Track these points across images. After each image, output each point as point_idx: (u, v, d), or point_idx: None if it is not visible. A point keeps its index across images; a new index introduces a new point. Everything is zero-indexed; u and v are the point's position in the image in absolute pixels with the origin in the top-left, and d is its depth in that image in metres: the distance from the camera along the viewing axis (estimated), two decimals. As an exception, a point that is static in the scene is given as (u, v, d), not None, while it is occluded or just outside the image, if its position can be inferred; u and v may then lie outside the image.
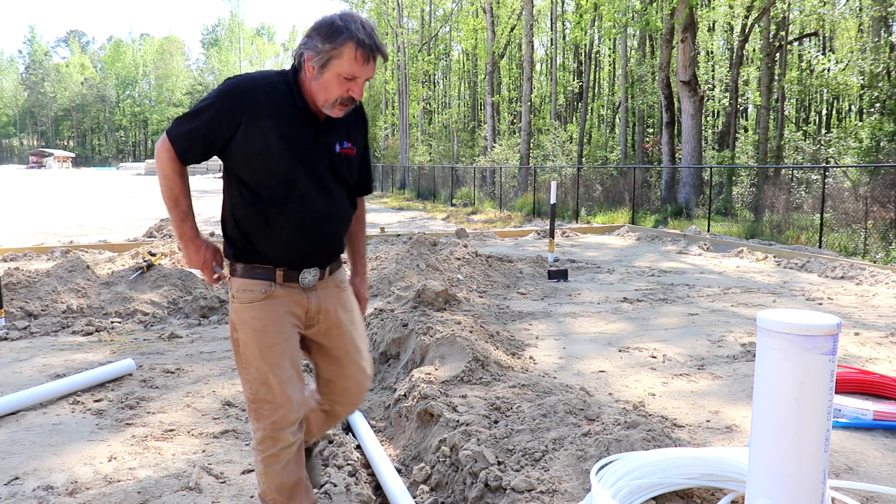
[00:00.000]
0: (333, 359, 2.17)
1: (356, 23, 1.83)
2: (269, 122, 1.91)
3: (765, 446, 1.68)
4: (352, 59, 1.82)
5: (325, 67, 1.84)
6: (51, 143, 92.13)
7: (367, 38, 1.81)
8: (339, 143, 2.03)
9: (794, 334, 1.58)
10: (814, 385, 1.59)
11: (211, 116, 1.94)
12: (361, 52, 1.81)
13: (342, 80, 1.85)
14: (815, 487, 1.65)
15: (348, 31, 1.81)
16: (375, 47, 1.84)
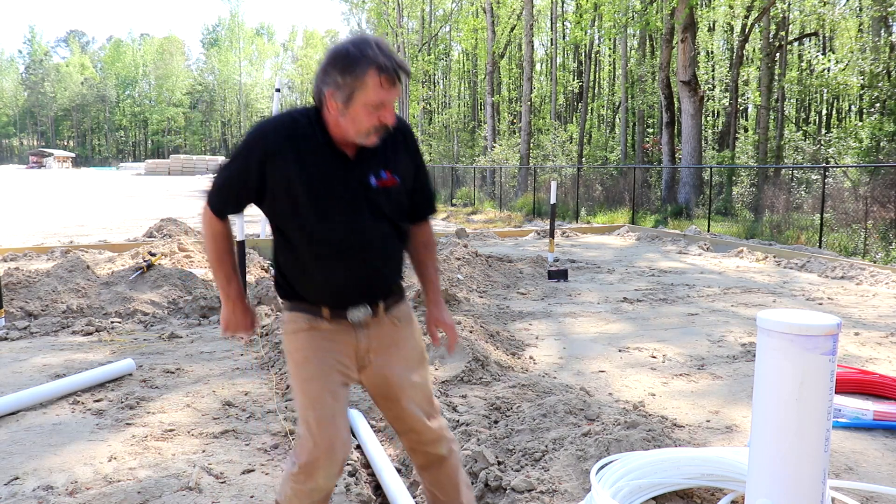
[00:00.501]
0: (391, 399, 2.04)
1: (371, 47, 1.71)
2: (292, 165, 1.82)
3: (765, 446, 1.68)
4: (376, 87, 1.71)
5: (351, 101, 1.73)
6: (51, 143, 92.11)
7: (386, 61, 1.70)
8: (374, 175, 1.88)
9: (794, 334, 1.58)
10: (814, 385, 1.59)
11: (238, 166, 1.89)
12: (385, 78, 1.71)
13: (370, 110, 1.74)
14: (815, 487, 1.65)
15: (366, 58, 1.70)
16: (397, 68, 1.73)
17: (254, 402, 3.75)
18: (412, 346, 2.08)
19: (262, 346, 4.93)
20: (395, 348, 2.02)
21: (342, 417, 1.92)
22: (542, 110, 38.35)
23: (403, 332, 2.06)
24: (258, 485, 2.75)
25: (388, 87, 1.72)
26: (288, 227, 1.90)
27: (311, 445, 1.86)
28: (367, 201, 1.87)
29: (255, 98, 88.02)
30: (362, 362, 1.99)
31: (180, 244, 8.69)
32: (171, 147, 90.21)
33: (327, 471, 1.86)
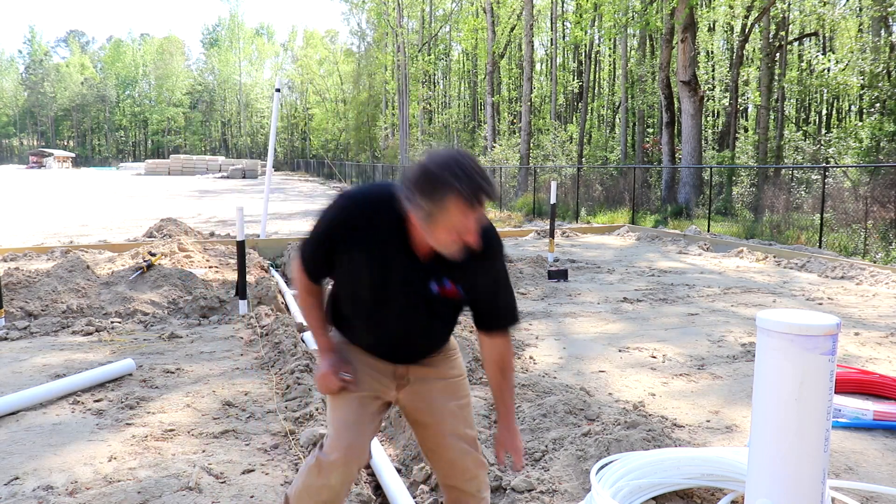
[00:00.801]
0: (429, 425, 2.05)
1: (455, 168, 1.63)
2: (364, 252, 1.83)
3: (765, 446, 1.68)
4: (458, 214, 1.64)
5: (432, 222, 1.68)
6: (51, 143, 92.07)
7: (469, 188, 1.62)
8: (437, 282, 1.86)
9: (793, 334, 1.58)
10: (814, 385, 1.59)
11: (321, 236, 1.90)
12: (467, 204, 1.63)
13: (452, 232, 1.68)
14: (815, 487, 1.65)
15: (448, 184, 1.61)
16: (480, 192, 1.63)
17: (254, 402, 3.75)
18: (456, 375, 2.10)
19: (262, 346, 4.93)
20: (437, 377, 2.05)
21: (366, 425, 1.96)
22: (542, 110, 38.34)
23: (446, 363, 2.09)
24: (258, 485, 2.75)
25: (471, 212, 1.66)
26: (344, 298, 1.97)
27: (332, 445, 1.92)
28: (424, 304, 1.89)
29: (255, 98, 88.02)
30: (401, 381, 2.04)
31: (180, 244, 8.69)
32: (171, 147, 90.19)
33: (342, 473, 1.90)
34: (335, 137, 65.92)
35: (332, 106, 65.65)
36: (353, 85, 56.77)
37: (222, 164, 59.32)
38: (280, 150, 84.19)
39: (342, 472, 1.90)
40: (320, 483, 1.92)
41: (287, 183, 44.15)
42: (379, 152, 50.62)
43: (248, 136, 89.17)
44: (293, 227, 15.27)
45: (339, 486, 1.92)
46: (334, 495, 1.94)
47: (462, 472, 2.05)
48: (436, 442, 2.04)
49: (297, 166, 73.50)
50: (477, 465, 2.07)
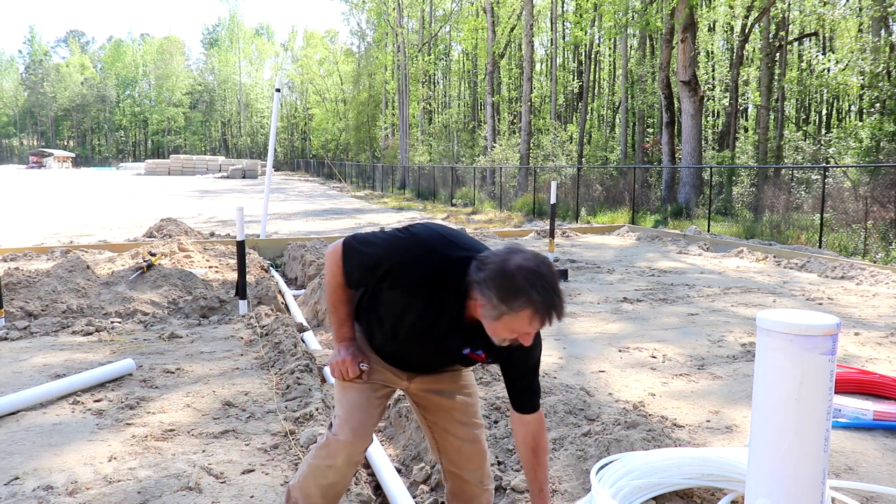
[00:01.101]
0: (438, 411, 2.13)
1: (537, 282, 1.66)
2: (417, 304, 1.86)
3: (765, 446, 1.68)
4: (526, 324, 1.70)
5: (498, 320, 1.71)
6: (51, 143, 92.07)
7: (546, 307, 1.67)
8: (471, 348, 1.95)
9: (793, 334, 1.58)
10: (813, 385, 1.59)
11: (376, 263, 1.87)
12: (539, 319, 1.69)
13: (513, 333, 1.74)
14: (815, 487, 1.65)
15: (528, 298, 1.65)
16: (555, 311, 1.68)
17: (254, 402, 3.75)
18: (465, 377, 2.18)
19: (262, 346, 4.93)
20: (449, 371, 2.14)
21: (373, 409, 2.04)
22: (542, 110, 38.35)
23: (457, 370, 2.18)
24: (258, 485, 2.75)
25: (538, 325, 1.71)
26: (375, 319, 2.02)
27: (340, 426, 1.98)
28: (450, 356, 2.00)
29: (255, 98, 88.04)
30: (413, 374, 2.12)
31: (180, 244, 8.69)
32: (171, 147, 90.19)
33: (348, 453, 1.96)
34: (335, 137, 65.91)
35: (332, 106, 65.65)
36: (353, 85, 56.76)
37: (222, 164, 59.33)
38: (280, 150, 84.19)
39: (349, 451, 1.96)
40: (327, 463, 1.97)
41: (287, 183, 44.15)
42: (379, 152, 50.61)
43: (248, 136, 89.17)
44: (294, 227, 15.28)
45: (344, 468, 1.98)
46: (340, 477, 1.98)
47: (468, 460, 2.12)
48: (444, 427, 2.12)
49: (297, 166, 73.50)
50: (481, 456, 2.14)
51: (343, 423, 1.99)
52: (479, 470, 2.13)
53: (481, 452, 2.14)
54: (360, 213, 20.31)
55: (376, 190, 35.76)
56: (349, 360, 1.97)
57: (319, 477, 1.99)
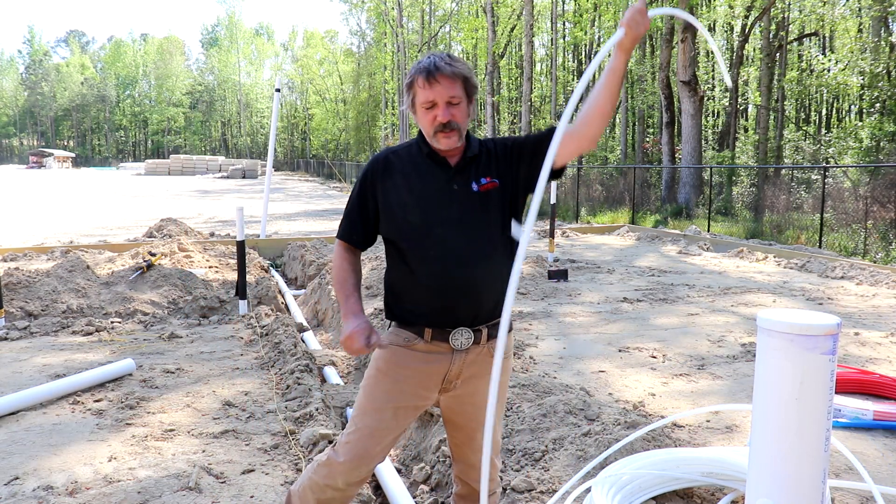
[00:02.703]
0: (462, 429, 2.08)
1: (424, 59, 1.91)
2: (400, 178, 1.97)
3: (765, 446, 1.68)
4: (420, 88, 1.87)
5: (413, 106, 1.93)
6: (51, 143, 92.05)
7: (425, 64, 1.88)
8: (475, 181, 1.96)
9: (794, 334, 1.58)
10: (814, 385, 1.59)
11: (357, 194, 2.03)
12: (422, 78, 1.86)
13: (426, 111, 1.90)
14: (815, 487, 1.65)
15: (414, 68, 1.90)
16: (433, 68, 1.86)
17: (254, 402, 3.75)
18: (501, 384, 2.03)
19: (262, 346, 4.93)
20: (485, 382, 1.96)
21: (390, 436, 1.96)
22: (542, 110, 38.34)
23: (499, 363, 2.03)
24: (258, 485, 2.75)
25: (429, 87, 1.86)
26: (399, 237, 1.97)
27: (344, 449, 1.94)
28: (471, 208, 1.95)
29: (255, 98, 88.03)
30: (448, 386, 2.00)
31: (180, 244, 8.69)
32: (171, 147, 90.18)
33: (348, 478, 1.93)
34: (335, 137, 65.92)
35: (332, 106, 65.65)
36: (353, 85, 56.77)
37: (222, 164, 59.31)
38: (280, 150, 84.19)
39: (348, 476, 1.93)
40: (326, 482, 1.95)
41: (287, 183, 44.15)
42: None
43: (248, 136, 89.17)
44: (295, 227, 15.28)
45: (344, 487, 1.95)
46: (340, 495, 1.96)
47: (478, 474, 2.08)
48: (464, 442, 2.10)
49: (297, 166, 73.49)
50: (493, 469, 2.14)
51: (349, 446, 1.94)
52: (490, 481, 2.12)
53: (493, 467, 2.13)
54: (360, 213, 20.26)
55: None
56: (357, 332, 1.90)
57: (318, 492, 1.96)
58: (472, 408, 2.03)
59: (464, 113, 1.91)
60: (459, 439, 2.10)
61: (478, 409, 2.01)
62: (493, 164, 2.00)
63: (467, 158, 1.96)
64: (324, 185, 42.61)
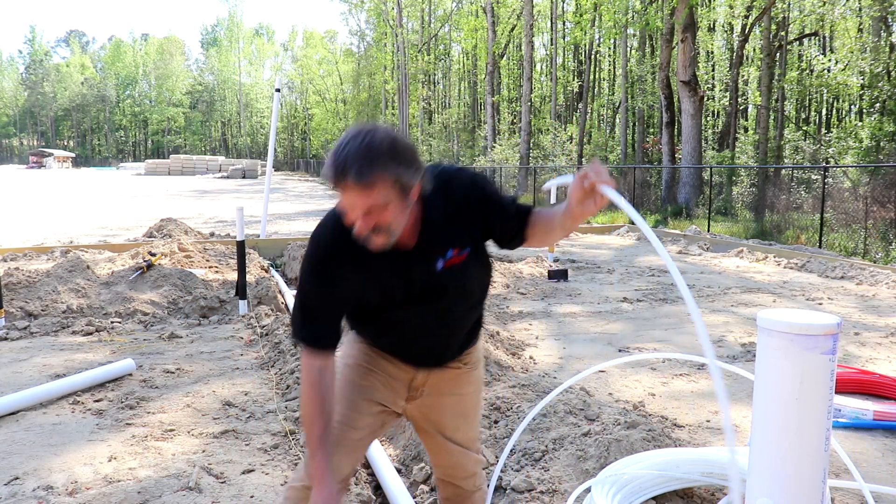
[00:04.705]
0: (434, 436, 1.98)
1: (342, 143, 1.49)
2: (352, 265, 1.68)
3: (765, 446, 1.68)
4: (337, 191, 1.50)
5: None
6: (51, 143, 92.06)
7: (331, 162, 1.47)
8: (441, 257, 1.70)
9: (794, 334, 1.58)
10: (814, 385, 1.59)
11: (313, 285, 1.70)
12: (333, 183, 1.49)
13: (343, 210, 1.55)
14: (815, 487, 1.65)
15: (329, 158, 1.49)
16: (339, 174, 1.46)
17: (254, 402, 3.75)
18: (472, 391, 1.99)
19: (261, 346, 4.93)
20: (452, 391, 1.94)
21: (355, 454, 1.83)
22: (542, 110, 38.35)
23: (466, 377, 1.96)
24: (258, 485, 2.75)
25: (341, 195, 1.49)
26: (355, 317, 1.83)
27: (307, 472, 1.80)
28: (436, 288, 1.73)
29: (254, 98, 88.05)
30: (413, 393, 1.91)
31: (180, 244, 8.69)
32: (171, 147, 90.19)
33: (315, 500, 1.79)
34: (335, 137, 65.80)
35: (332, 106, 65.68)
36: (353, 85, 56.80)
37: (222, 164, 59.32)
38: (280, 150, 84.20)
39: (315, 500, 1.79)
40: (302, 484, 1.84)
41: (287, 183, 44.15)
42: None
43: (248, 136, 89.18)
44: (295, 227, 15.28)
45: None
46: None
47: (462, 471, 2.05)
48: (439, 447, 2.00)
49: (297, 166, 73.51)
50: (476, 464, 2.07)
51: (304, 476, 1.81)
52: (473, 477, 2.06)
53: (476, 462, 2.06)
54: (360, 213, 20.27)
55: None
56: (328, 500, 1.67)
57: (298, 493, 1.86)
58: (441, 416, 1.95)
59: (394, 211, 1.52)
60: (435, 446, 2.01)
61: (447, 418, 1.95)
62: (465, 225, 1.71)
63: (426, 237, 1.66)
64: (324, 185, 42.61)
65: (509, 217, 1.79)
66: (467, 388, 1.97)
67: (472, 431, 2.04)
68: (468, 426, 2.01)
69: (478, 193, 1.73)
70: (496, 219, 1.77)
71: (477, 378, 2.01)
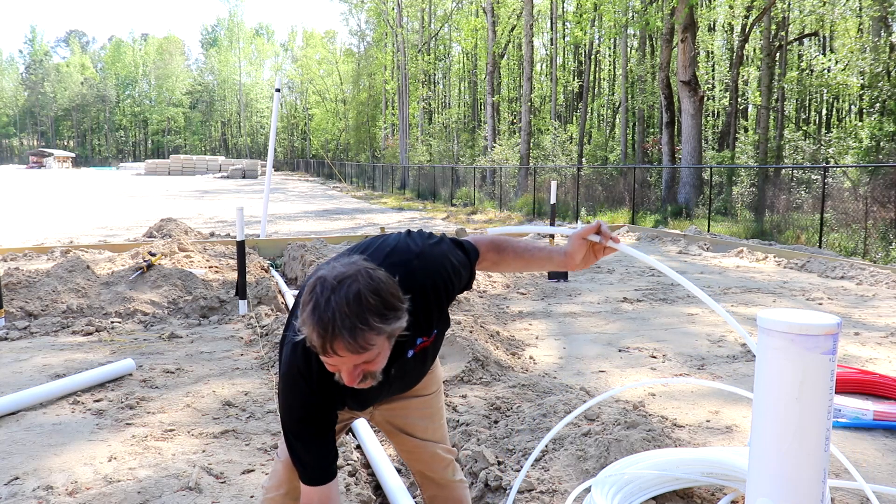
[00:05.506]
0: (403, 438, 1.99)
1: (325, 293, 1.33)
2: (333, 398, 1.63)
3: (765, 446, 1.68)
4: (316, 348, 1.36)
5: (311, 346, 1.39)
6: (51, 143, 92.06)
7: (319, 329, 1.33)
8: (411, 348, 1.67)
9: (794, 334, 1.58)
10: (814, 385, 1.59)
11: (301, 435, 1.62)
12: (316, 340, 1.35)
13: (326, 364, 1.42)
14: (815, 487, 1.65)
15: (309, 311, 1.34)
16: (328, 340, 1.32)
17: (254, 402, 3.75)
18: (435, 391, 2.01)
19: (262, 346, 4.93)
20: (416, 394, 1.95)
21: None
22: (542, 110, 38.34)
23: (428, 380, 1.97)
24: (258, 485, 2.75)
25: (326, 356, 1.37)
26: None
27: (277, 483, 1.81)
28: (406, 371, 1.73)
29: (255, 98, 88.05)
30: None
31: (180, 244, 8.69)
32: (171, 147, 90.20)
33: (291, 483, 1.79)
34: (335, 137, 65.93)
35: (332, 106, 65.67)
36: (353, 85, 56.79)
37: (222, 164, 59.33)
38: (280, 150, 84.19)
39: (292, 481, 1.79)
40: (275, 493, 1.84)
41: (287, 183, 44.15)
42: (379, 152, 50.61)
43: (248, 136, 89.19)
44: (294, 227, 15.28)
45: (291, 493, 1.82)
46: None
47: (439, 463, 2.07)
48: (413, 446, 2.02)
49: (297, 166, 73.52)
50: (450, 453, 2.09)
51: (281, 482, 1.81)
52: (449, 466, 2.08)
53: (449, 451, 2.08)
54: (361, 213, 20.30)
55: (376, 190, 35.74)
56: None
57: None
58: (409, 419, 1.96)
59: (383, 358, 1.44)
60: (407, 446, 2.01)
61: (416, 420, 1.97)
62: (434, 317, 1.68)
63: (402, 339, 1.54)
64: (324, 184, 42.62)
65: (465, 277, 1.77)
66: (430, 389, 1.99)
67: (442, 429, 2.07)
68: (436, 425, 2.04)
69: (444, 280, 1.66)
70: (458, 287, 1.75)
71: (437, 378, 2.03)
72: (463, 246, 1.79)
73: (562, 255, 1.80)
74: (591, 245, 1.76)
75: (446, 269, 1.67)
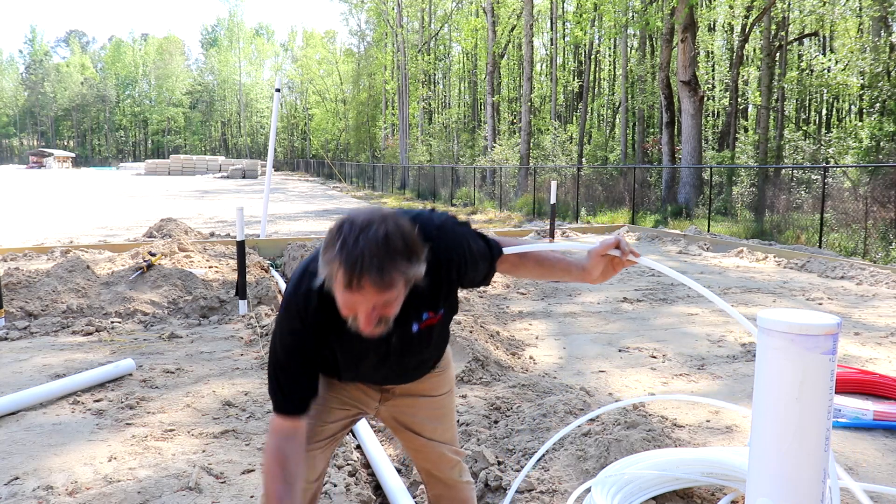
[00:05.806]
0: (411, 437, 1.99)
1: (354, 233, 1.38)
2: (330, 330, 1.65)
3: (765, 446, 1.68)
4: (340, 284, 1.39)
5: (330, 286, 1.44)
6: (51, 143, 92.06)
7: (348, 263, 1.36)
8: (416, 321, 1.69)
9: (794, 334, 1.58)
10: (814, 385, 1.59)
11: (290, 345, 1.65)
12: (342, 279, 1.38)
13: (345, 304, 1.44)
14: (815, 487, 1.65)
15: (337, 252, 1.38)
16: (357, 275, 1.36)
17: (254, 402, 3.75)
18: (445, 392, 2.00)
19: (261, 346, 4.93)
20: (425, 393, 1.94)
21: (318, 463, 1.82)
22: (542, 110, 38.34)
23: (438, 379, 1.97)
24: (258, 485, 2.75)
25: (348, 292, 1.39)
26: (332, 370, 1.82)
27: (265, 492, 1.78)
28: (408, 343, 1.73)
29: (255, 98, 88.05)
30: (386, 394, 1.92)
31: (180, 244, 8.69)
32: (171, 147, 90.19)
33: None
34: (335, 137, 65.94)
35: (332, 106, 65.67)
36: (353, 85, 56.79)
37: (222, 164, 59.33)
38: (280, 150, 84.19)
39: None
40: None
41: (287, 183, 44.15)
42: (379, 152, 50.60)
43: (248, 136, 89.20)
44: (294, 227, 15.28)
45: None
46: None
47: (446, 463, 2.06)
48: (421, 446, 2.01)
49: (297, 166, 73.51)
50: (458, 454, 2.08)
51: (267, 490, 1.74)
52: (457, 467, 2.07)
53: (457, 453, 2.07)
54: (360, 213, 20.26)
55: (376, 190, 35.74)
56: None
57: None
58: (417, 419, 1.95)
59: (398, 304, 1.48)
60: (415, 445, 2.01)
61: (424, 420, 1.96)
62: (443, 290, 1.69)
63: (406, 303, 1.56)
64: (324, 184, 42.62)
65: (483, 270, 1.80)
66: (438, 391, 1.98)
67: (451, 430, 2.06)
68: (445, 427, 2.02)
69: (459, 257, 1.69)
70: (472, 275, 1.77)
71: (449, 379, 2.01)
72: (486, 238, 1.82)
73: (580, 269, 1.84)
74: (609, 259, 1.80)
75: (462, 248, 1.70)
